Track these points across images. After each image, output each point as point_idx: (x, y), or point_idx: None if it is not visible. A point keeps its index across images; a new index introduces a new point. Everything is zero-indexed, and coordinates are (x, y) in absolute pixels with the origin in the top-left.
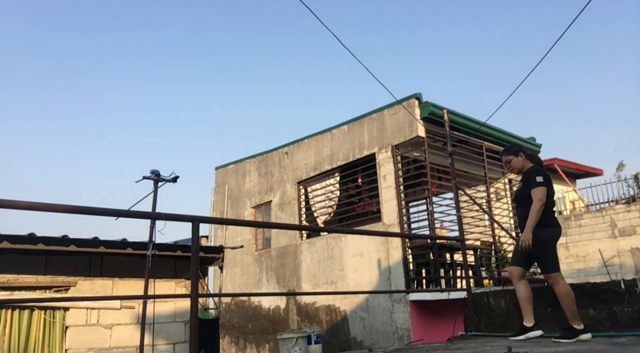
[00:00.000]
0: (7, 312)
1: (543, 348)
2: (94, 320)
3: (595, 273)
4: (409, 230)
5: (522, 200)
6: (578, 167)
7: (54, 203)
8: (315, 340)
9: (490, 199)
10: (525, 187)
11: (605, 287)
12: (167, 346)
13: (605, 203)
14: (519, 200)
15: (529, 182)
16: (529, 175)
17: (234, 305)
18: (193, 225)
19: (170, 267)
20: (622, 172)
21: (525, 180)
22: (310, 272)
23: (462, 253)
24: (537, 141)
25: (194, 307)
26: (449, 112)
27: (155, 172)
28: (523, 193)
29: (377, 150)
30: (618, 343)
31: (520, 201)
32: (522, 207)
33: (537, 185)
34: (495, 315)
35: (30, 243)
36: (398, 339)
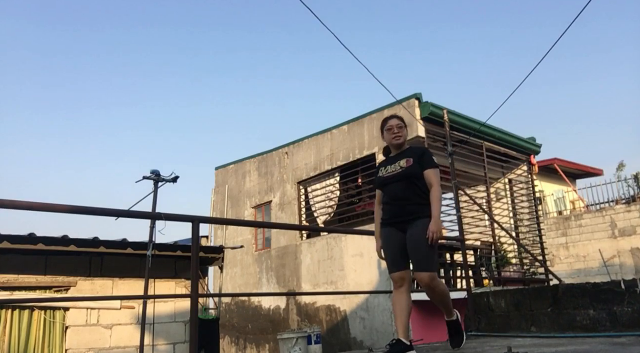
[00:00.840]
0: (7, 312)
1: (543, 349)
2: (94, 320)
3: (595, 273)
4: None
5: (412, 178)
6: (578, 167)
7: (54, 203)
8: (315, 340)
9: (490, 199)
10: (418, 164)
11: (605, 287)
12: (167, 346)
13: (605, 203)
14: (405, 177)
15: (423, 160)
16: (423, 152)
17: (234, 305)
18: (193, 225)
19: (170, 267)
20: (622, 172)
21: (418, 158)
22: (310, 272)
23: (462, 253)
24: (537, 141)
25: (194, 307)
26: (449, 112)
27: (155, 172)
28: (415, 171)
29: (377, 150)
30: (618, 343)
31: (407, 178)
32: (409, 185)
33: (437, 167)
34: (495, 315)
35: (30, 243)
36: None
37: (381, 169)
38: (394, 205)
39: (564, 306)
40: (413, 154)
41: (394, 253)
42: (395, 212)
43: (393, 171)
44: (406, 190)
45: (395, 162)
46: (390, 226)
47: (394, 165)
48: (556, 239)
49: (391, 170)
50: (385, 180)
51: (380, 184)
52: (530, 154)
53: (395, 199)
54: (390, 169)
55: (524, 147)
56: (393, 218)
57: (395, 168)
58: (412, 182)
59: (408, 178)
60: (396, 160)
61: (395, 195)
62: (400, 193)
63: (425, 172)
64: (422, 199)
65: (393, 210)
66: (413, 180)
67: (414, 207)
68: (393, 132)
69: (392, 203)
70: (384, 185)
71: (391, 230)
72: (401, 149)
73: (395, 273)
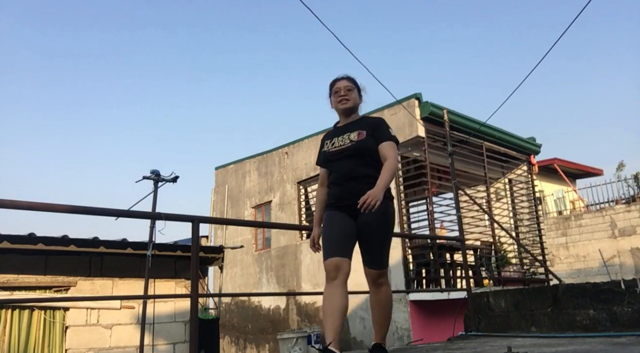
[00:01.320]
0: (7, 312)
1: (543, 348)
2: (94, 320)
3: (595, 273)
4: (409, 230)
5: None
6: (578, 167)
7: (54, 203)
8: (315, 340)
9: (490, 199)
10: (372, 137)
11: (605, 287)
12: (167, 346)
13: (605, 203)
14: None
15: (378, 132)
16: (378, 124)
17: (234, 305)
18: (193, 225)
19: (170, 267)
20: (622, 172)
21: (372, 130)
22: (310, 272)
23: (462, 253)
24: (537, 141)
25: (194, 307)
26: (449, 112)
27: (155, 172)
28: (368, 145)
29: None
30: (618, 343)
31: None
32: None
33: (394, 140)
34: (495, 315)
35: (30, 243)
36: (398, 339)
37: (326, 143)
38: (342, 187)
39: (564, 306)
40: (366, 126)
41: (336, 238)
42: (344, 194)
43: (341, 145)
44: (358, 168)
45: (343, 134)
46: (338, 210)
47: (342, 138)
48: (556, 239)
49: (339, 144)
50: (331, 156)
51: (325, 161)
52: (530, 154)
53: (344, 179)
54: (338, 142)
55: (524, 147)
56: (341, 201)
57: (344, 141)
58: (364, 158)
59: (359, 154)
60: (345, 131)
61: (343, 175)
62: (349, 173)
63: (380, 146)
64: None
65: (341, 192)
66: (366, 156)
67: (363, 188)
68: (339, 95)
69: (340, 185)
70: (329, 161)
71: (338, 214)
72: (351, 118)
73: (332, 260)
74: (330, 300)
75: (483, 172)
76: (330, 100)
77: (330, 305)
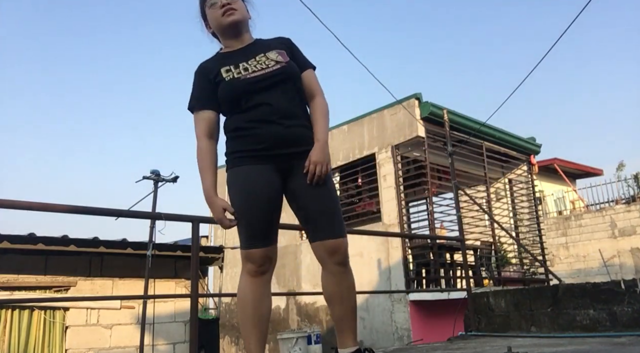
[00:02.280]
0: (7, 312)
1: (543, 348)
2: (94, 320)
3: (595, 273)
4: (409, 230)
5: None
6: (578, 167)
7: (54, 203)
8: (315, 340)
9: (490, 199)
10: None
11: (605, 287)
12: (167, 346)
13: (605, 203)
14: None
15: (298, 54)
16: (291, 43)
17: (234, 305)
18: (193, 225)
19: (170, 267)
20: (622, 172)
21: (289, 50)
22: (310, 272)
23: (462, 253)
24: (537, 141)
25: (194, 307)
26: (449, 112)
27: (155, 172)
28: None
29: (377, 150)
30: (618, 343)
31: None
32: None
33: (314, 67)
34: (495, 315)
35: (30, 243)
36: (398, 339)
37: (227, 69)
38: (279, 126)
39: (564, 306)
40: (279, 45)
41: (262, 213)
42: (276, 137)
43: (263, 69)
44: (291, 101)
45: (253, 55)
46: (261, 162)
47: (258, 60)
48: (556, 239)
49: (258, 67)
50: (253, 84)
51: (240, 91)
52: (530, 154)
53: (280, 116)
54: (254, 65)
55: (524, 147)
56: (271, 148)
57: (265, 63)
58: (295, 87)
59: (292, 81)
60: (254, 53)
61: (279, 110)
62: (289, 107)
63: (304, 73)
64: (309, 118)
65: (277, 134)
66: (297, 84)
67: (303, 130)
68: (222, 5)
69: (273, 123)
70: (249, 93)
71: (261, 171)
72: (246, 39)
73: (259, 250)
74: (258, 302)
75: (483, 172)
76: (203, 23)
77: (259, 309)
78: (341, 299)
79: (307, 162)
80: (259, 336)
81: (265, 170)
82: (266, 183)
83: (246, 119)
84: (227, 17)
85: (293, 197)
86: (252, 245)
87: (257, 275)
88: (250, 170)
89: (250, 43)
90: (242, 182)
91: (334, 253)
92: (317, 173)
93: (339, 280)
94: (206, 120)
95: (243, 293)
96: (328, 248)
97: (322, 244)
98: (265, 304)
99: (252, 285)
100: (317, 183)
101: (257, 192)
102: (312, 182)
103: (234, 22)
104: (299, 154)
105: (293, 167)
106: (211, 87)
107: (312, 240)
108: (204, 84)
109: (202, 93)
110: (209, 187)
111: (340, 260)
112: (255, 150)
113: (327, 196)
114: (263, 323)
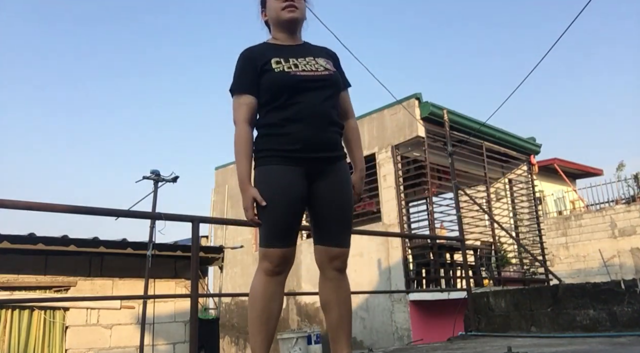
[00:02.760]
0: (7, 312)
1: (543, 348)
2: (94, 320)
3: (595, 273)
4: (409, 230)
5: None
6: (578, 167)
7: (54, 203)
8: (315, 340)
9: (490, 199)
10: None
11: (605, 287)
12: (167, 346)
13: (605, 203)
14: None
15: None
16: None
17: (234, 305)
18: (193, 225)
19: (170, 267)
20: (622, 172)
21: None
22: (310, 272)
23: (462, 253)
24: (537, 141)
25: (194, 307)
26: (449, 112)
27: (155, 172)
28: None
29: (377, 150)
30: (618, 343)
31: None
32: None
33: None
34: (495, 315)
35: (30, 243)
36: (398, 339)
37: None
38: (318, 131)
39: (564, 306)
40: (327, 55)
41: (286, 215)
42: (321, 141)
43: (313, 71)
44: (332, 108)
45: (304, 56)
46: (292, 164)
47: (308, 62)
48: (556, 239)
49: (308, 68)
50: (302, 82)
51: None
52: (530, 154)
53: (322, 120)
54: (303, 65)
55: (524, 147)
56: (313, 150)
57: (314, 66)
58: (336, 98)
59: (337, 91)
60: (304, 53)
61: (321, 114)
62: (330, 113)
63: (343, 93)
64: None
65: (315, 137)
66: (338, 96)
67: (337, 137)
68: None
69: (306, 124)
70: (295, 90)
71: (291, 173)
72: (297, 39)
73: (278, 250)
74: (269, 302)
75: (483, 172)
76: (260, 9)
77: (269, 308)
78: (337, 306)
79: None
80: (266, 335)
81: (295, 172)
82: (294, 186)
83: (282, 116)
84: (289, 13)
85: (314, 198)
86: (271, 245)
87: (272, 275)
88: (280, 170)
89: (301, 43)
90: (270, 181)
91: (335, 260)
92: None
93: (336, 286)
94: (247, 105)
95: (255, 290)
96: (332, 255)
97: (327, 250)
98: (276, 304)
99: (266, 284)
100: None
101: (284, 194)
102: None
103: (293, 19)
104: (330, 158)
105: (322, 171)
106: (257, 73)
107: (318, 242)
108: (249, 69)
109: (247, 77)
110: (244, 174)
111: (339, 266)
112: (288, 150)
113: (347, 207)
114: (271, 322)
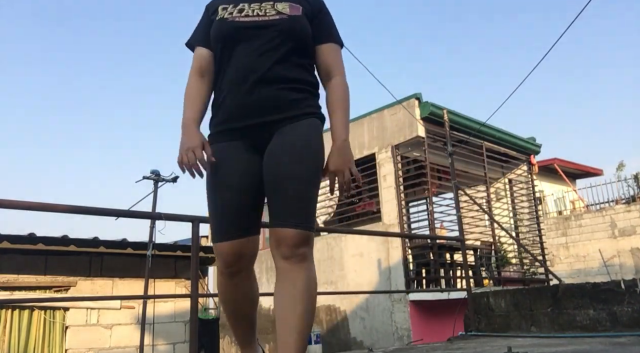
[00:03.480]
0: (7, 312)
1: (543, 348)
2: (94, 320)
3: (595, 273)
4: (409, 230)
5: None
6: (578, 167)
7: (54, 203)
8: (315, 340)
9: (490, 199)
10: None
11: (605, 287)
12: (167, 346)
13: (605, 203)
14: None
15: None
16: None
17: None
18: (193, 225)
19: (170, 267)
20: (622, 172)
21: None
22: None
23: (462, 253)
24: (537, 141)
25: (194, 307)
26: (449, 112)
27: (155, 172)
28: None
29: (377, 150)
30: (618, 343)
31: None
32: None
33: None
34: (495, 315)
35: (30, 243)
36: (398, 339)
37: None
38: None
39: (564, 306)
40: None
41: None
42: (247, 100)
43: (260, 15)
44: (284, 58)
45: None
46: (235, 138)
47: (259, 7)
48: (556, 239)
49: (250, 13)
50: (235, 29)
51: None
52: (530, 154)
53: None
54: (250, 10)
55: (524, 147)
56: (239, 116)
57: (265, 10)
58: (298, 49)
59: (293, 39)
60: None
61: (255, 69)
62: (270, 67)
63: (324, 46)
64: (312, 85)
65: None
66: (301, 45)
67: (295, 94)
68: None
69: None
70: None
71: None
72: None
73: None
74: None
75: (483, 172)
76: None
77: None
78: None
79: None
80: (245, 329)
81: (238, 147)
82: (234, 162)
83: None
84: None
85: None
86: (218, 238)
87: (229, 277)
88: (221, 148)
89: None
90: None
91: (281, 245)
92: (341, 184)
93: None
94: (198, 57)
95: (219, 293)
96: (276, 238)
97: (273, 232)
98: (247, 303)
99: (225, 287)
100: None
101: (222, 174)
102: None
103: None
104: (279, 120)
105: (270, 136)
106: (209, 24)
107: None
108: (204, 20)
109: (198, 28)
110: (188, 115)
111: (286, 253)
112: (222, 121)
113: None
114: (247, 318)
